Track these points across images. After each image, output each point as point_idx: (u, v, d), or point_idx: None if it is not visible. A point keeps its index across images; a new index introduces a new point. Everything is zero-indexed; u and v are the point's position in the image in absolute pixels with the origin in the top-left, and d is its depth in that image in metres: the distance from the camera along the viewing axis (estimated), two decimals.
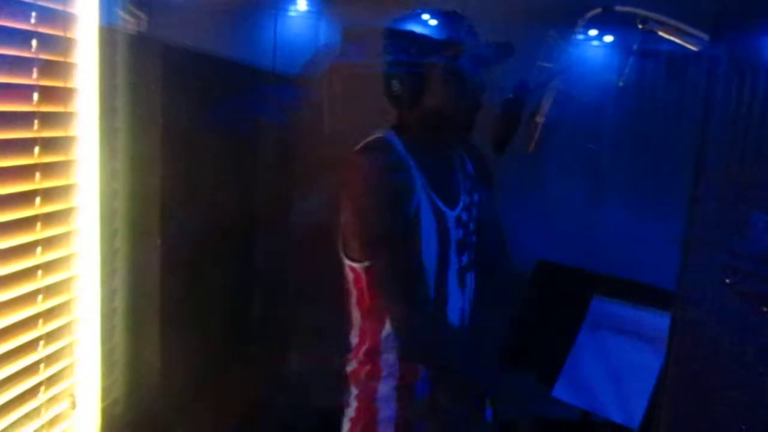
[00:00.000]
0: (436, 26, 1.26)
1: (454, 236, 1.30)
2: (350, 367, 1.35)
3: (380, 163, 1.24)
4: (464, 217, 1.34)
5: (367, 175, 1.24)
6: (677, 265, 0.72)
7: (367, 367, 1.31)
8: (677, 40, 1.14)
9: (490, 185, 1.43)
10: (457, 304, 1.33)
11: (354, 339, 1.36)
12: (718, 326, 0.61)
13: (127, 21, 1.36)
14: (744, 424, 0.58)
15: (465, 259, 1.34)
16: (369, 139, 1.30)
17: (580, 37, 1.26)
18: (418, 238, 1.24)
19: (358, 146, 1.29)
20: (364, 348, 1.32)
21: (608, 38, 1.63)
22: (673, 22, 1.15)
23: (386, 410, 1.29)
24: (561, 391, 1.62)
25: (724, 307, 0.61)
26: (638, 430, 1.48)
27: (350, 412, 1.34)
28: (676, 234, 0.77)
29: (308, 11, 2.19)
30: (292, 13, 2.19)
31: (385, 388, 1.29)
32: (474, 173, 1.42)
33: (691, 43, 1.11)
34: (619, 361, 1.61)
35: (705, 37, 1.04)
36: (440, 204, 1.28)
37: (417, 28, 1.24)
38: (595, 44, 1.65)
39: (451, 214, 1.30)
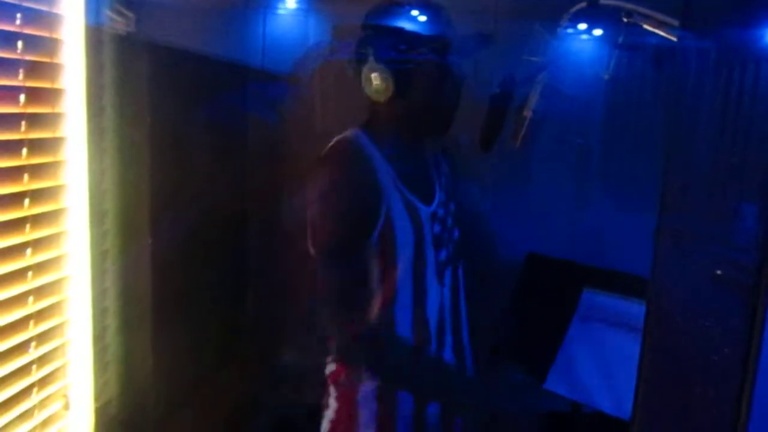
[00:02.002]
0: (417, 19, 1.26)
1: (430, 232, 1.29)
2: (329, 369, 1.34)
3: (343, 168, 1.23)
4: (441, 212, 1.33)
5: (328, 181, 1.23)
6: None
7: (347, 370, 1.30)
8: (662, 33, 1.15)
9: (466, 182, 1.43)
10: (435, 300, 1.31)
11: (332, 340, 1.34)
12: (690, 313, 0.62)
13: (114, 21, 1.36)
14: (714, 405, 0.60)
15: (443, 254, 1.32)
16: (335, 140, 1.27)
17: (566, 30, 1.26)
18: (390, 237, 1.23)
19: (326, 148, 1.27)
20: None
21: (594, 32, 1.64)
22: (657, 15, 1.16)
23: (367, 411, 1.28)
24: (552, 383, 1.62)
25: (696, 294, 0.62)
26: (630, 421, 1.49)
27: (330, 413, 1.32)
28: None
29: (297, 9, 2.19)
30: (281, 11, 2.19)
31: (365, 389, 1.28)
32: (449, 170, 1.41)
33: (675, 36, 1.12)
34: (610, 353, 1.62)
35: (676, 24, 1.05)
36: (414, 200, 1.27)
37: (398, 22, 1.23)
38: (581, 38, 1.66)
39: (425, 210, 1.29)
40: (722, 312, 0.60)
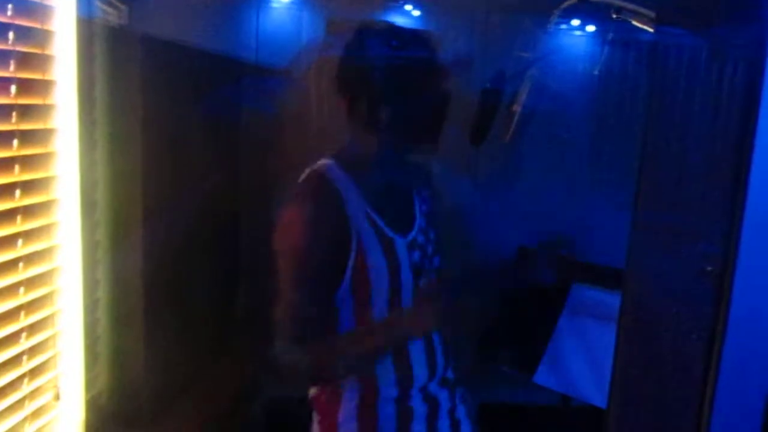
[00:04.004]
0: (396, 41, 1.25)
1: (406, 260, 1.27)
2: (312, 392, 1.34)
3: (311, 206, 1.23)
4: (420, 239, 1.31)
5: (297, 219, 1.23)
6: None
7: (327, 391, 1.30)
8: (650, 29, 1.16)
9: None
10: None
11: None
12: (662, 301, 0.64)
13: (106, 12, 1.36)
14: (682, 388, 0.62)
15: (423, 282, 1.30)
16: (306, 172, 1.26)
17: (556, 27, 1.27)
18: (364, 268, 1.22)
19: (299, 181, 1.26)
20: None
21: (584, 28, 1.65)
22: (646, 11, 1.17)
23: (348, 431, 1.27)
24: (542, 377, 1.64)
25: (668, 283, 0.64)
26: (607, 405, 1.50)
27: None
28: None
29: (291, 3, 2.19)
30: (274, 5, 2.19)
31: (345, 410, 1.27)
32: (431, 196, 1.40)
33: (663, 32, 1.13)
34: (599, 346, 1.64)
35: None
36: (388, 231, 1.26)
37: (377, 44, 1.22)
38: (571, 34, 1.67)
39: (400, 240, 1.27)
40: (692, 300, 0.62)
